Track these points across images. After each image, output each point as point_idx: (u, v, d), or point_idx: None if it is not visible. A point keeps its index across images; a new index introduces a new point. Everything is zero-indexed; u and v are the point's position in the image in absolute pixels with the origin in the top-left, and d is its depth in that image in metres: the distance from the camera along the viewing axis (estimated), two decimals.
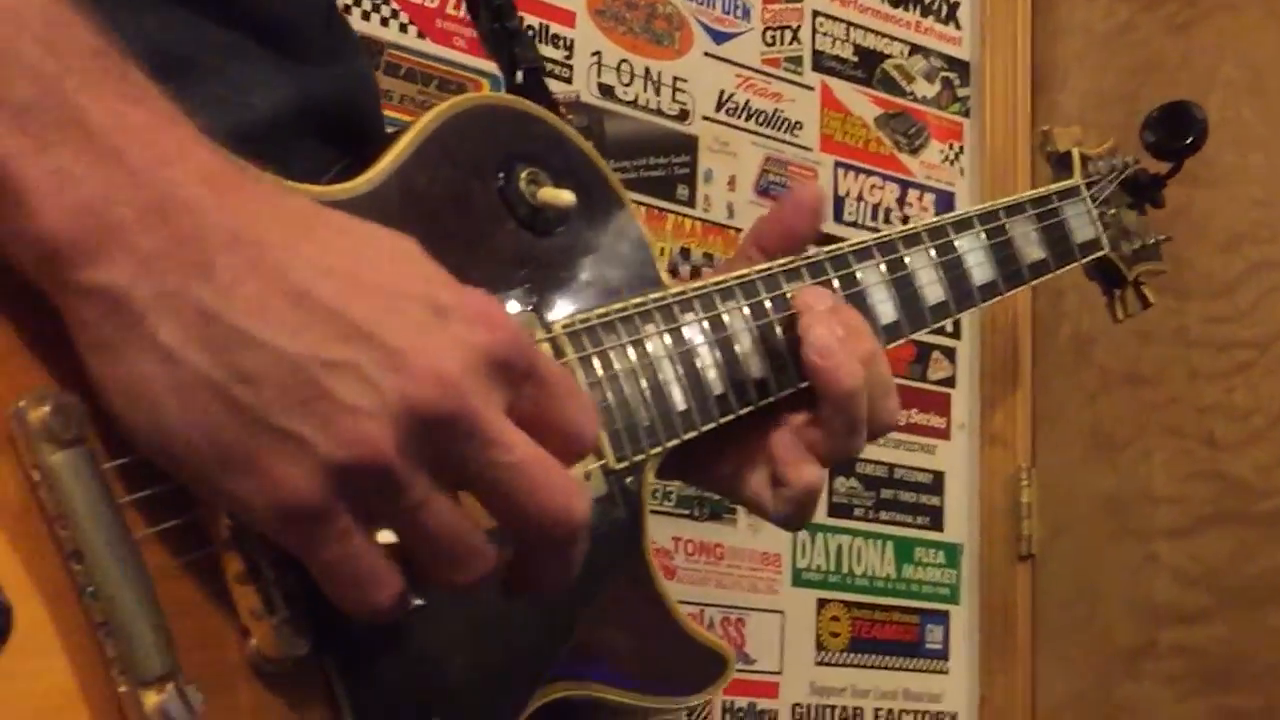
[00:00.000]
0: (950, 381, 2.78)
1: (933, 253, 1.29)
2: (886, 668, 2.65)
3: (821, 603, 2.59)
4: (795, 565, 2.56)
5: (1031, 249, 1.39)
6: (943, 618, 2.73)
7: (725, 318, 1.14)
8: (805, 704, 2.54)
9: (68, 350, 0.76)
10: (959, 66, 2.88)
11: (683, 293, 1.13)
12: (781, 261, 1.19)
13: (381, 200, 0.97)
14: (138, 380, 0.74)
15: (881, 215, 2.72)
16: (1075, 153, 1.54)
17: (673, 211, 2.48)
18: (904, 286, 1.26)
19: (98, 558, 0.75)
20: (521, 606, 0.95)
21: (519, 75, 1.23)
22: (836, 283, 1.21)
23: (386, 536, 0.80)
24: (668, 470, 1.13)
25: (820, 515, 2.57)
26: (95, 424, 0.77)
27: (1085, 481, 2.70)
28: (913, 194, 2.77)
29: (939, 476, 2.75)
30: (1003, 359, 2.79)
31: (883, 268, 1.25)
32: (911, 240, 1.28)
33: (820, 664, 2.57)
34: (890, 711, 2.64)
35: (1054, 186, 1.47)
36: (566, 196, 1.07)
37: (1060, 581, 2.71)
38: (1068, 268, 1.45)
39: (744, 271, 1.17)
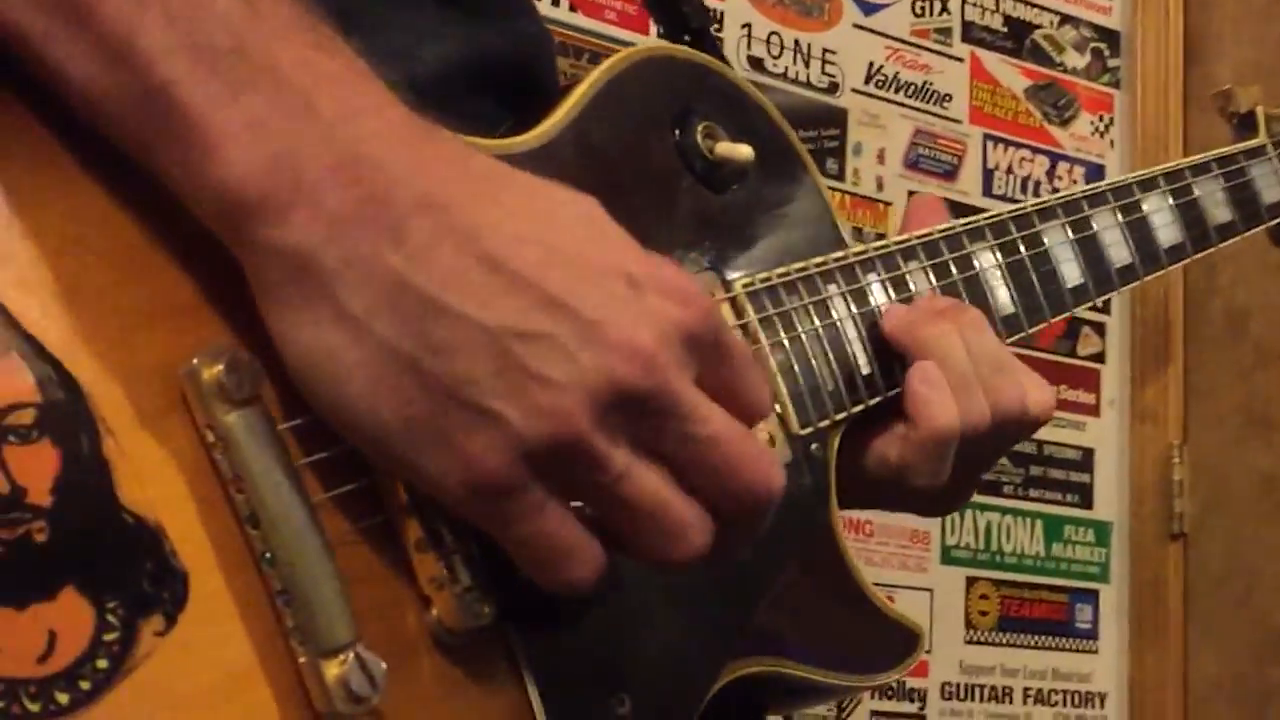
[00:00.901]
0: (1100, 357, 2.74)
1: (1119, 214, 1.25)
2: (1035, 647, 2.62)
3: (970, 581, 2.57)
4: (944, 543, 2.53)
5: (1218, 210, 1.35)
6: (1092, 597, 2.69)
7: (908, 278, 1.11)
8: (954, 683, 2.52)
9: (244, 304, 0.74)
10: (1109, 36, 2.83)
11: (864, 252, 1.10)
12: (964, 221, 1.16)
13: (556, 154, 0.94)
14: (324, 349, 0.72)
15: (1031, 188, 2.68)
16: (1260, 111, 1.50)
17: None
18: (1089, 248, 1.22)
19: (275, 522, 0.73)
20: (710, 577, 0.92)
21: (687, 37, 1.19)
22: (1021, 245, 1.18)
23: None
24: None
25: None
26: (272, 381, 0.74)
27: (1239, 459, 2.65)
28: (1062, 167, 2.73)
29: (1089, 453, 2.72)
30: (1154, 334, 2.75)
31: (1068, 229, 1.21)
32: (1096, 200, 1.24)
33: (969, 642, 2.55)
34: (1039, 691, 2.61)
35: (1239, 146, 1.42)
36: (744, 151, 1.03)
37: (1213, 561, 2.67)
38: (1255, 230, 1.41)
39: (927, 230, 1.14)
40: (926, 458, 1.06)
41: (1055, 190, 2.70)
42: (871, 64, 2.55)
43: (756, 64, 2.43)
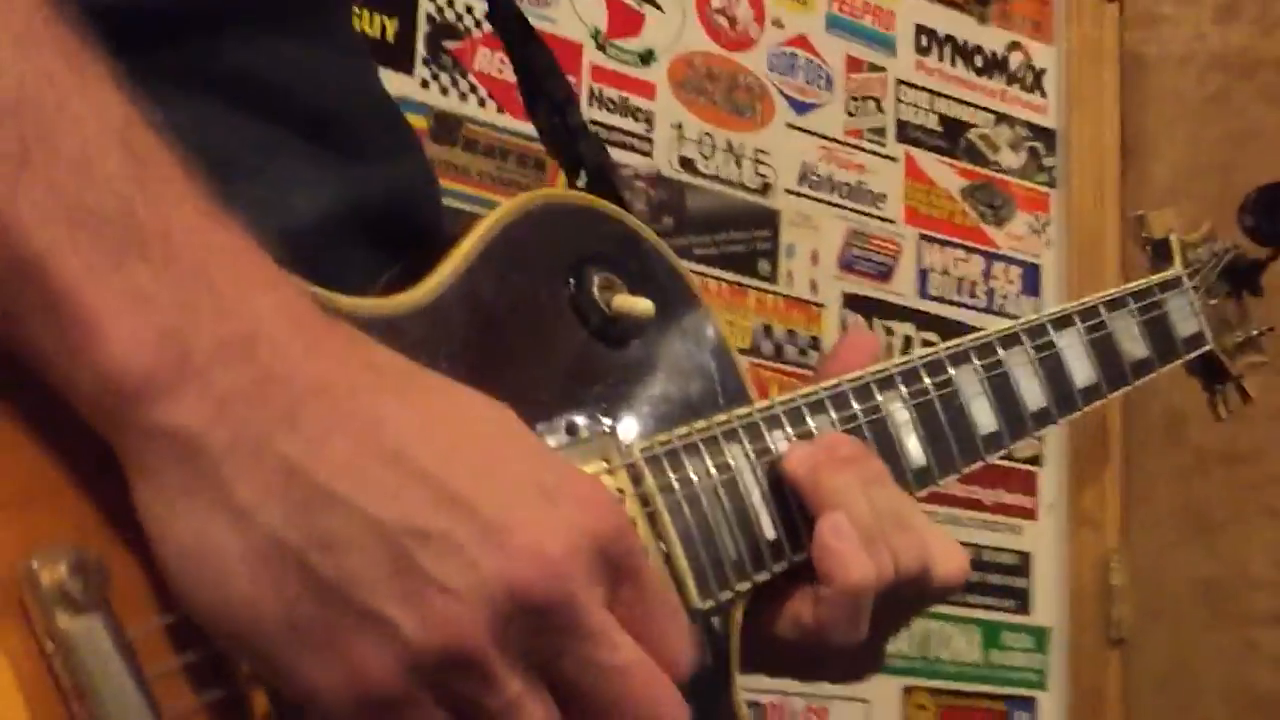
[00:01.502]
0: (1038, 460, 2.70)
1: (1033, 354, 1.21)
2: None
3: (907, 690, 2.52)
4: None
5: (1134, 345, 1.31)
6: (1031, 705, 2.65)
7: (816, 434, 1.05)
8: None
9: (92, 493, 0.69)
10: (1045, 135, 2.82)
11: (770, 407, 1.04)
12: (874, 369, 1.12)
13: (444, 312, 0.89)
14: (204, 539, 0.67)
15: (966, 289, 2.65)
16: (1174, 240, 1.47)
17: (754, 287, 2.42)
18: (1003, 392, 1.18)
19: None
20: None
21: (583, 175, 1.13)
22: (932, 389, 1.13)
23: None
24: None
25: None
26: (124, 578, 0.68)
27: (1179, 564, 2.62)
28: (998, 266, 2.71)
29: (1026, 558, 2.68)
30: (1092, 437, 2.71)
31: (981, 372, 1.17)
32: (1010, 340, 1.20)
33: None
34: None
35: (1155, 278, 1.39)
36: (644, 305, 0.97)
37: (1153, 668, 2.63)
38: (1171, 365, 1.38)
39: (834, 381, 1.09)
40: (844, 615, 1.00)
41: (990, 291, 2.67)
42: (804, 164, 2.52)
43: (688, 165, 2.39)
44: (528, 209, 0.96)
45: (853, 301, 2.53)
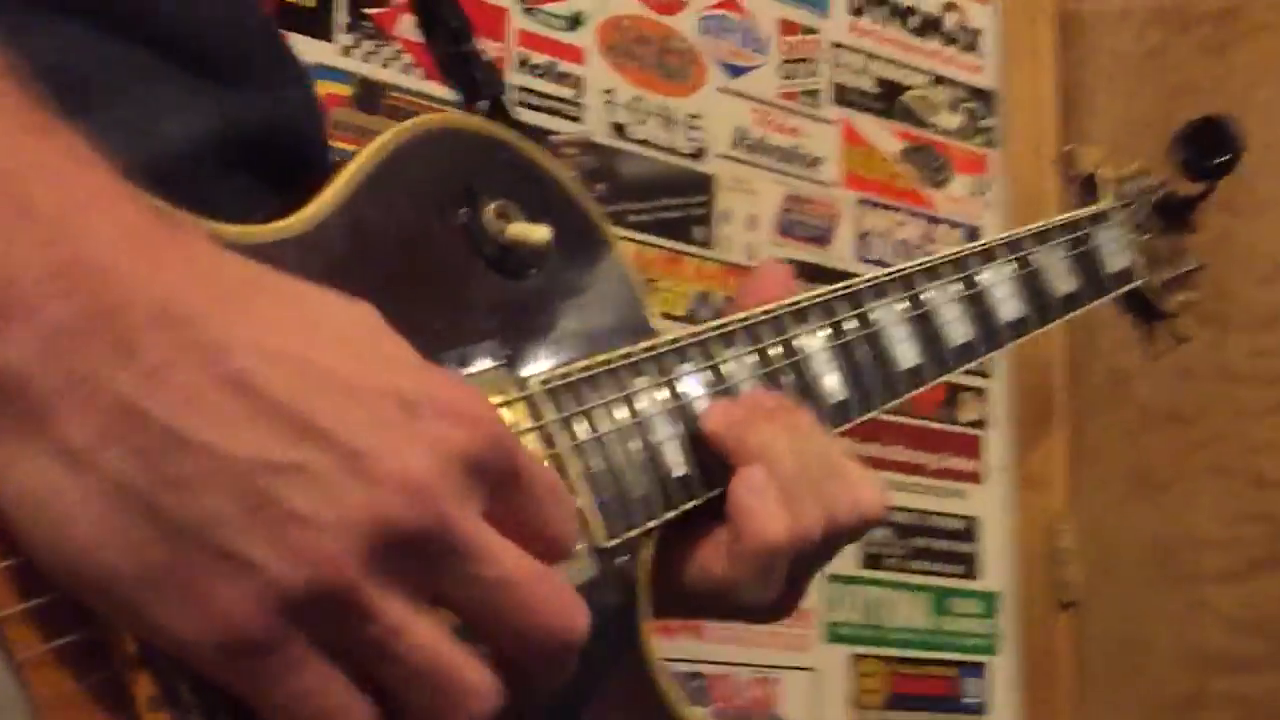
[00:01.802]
0: (982, 423, 2.67)
1: (956, 287, 1.18)
2: None
3: (856, 658, 2.48)
4: (828, 620, 2.45)
5: (1061, 280, 1.28)
6: (982, 670, 2.62)
7: (726, 368, 1.02)
8: None
9: None
10: (982, 96, 2.79)
11: (677, 340, 1.01)
12: (788, 302, 1.08)
13: (324, 240, 0.84)
14: (41, 486, 0.62)
15: (906, 252, 2.62)
16: (1101, 175, 1.44)
17: (690, 254, 2.39)
18: (925, 325, 1.15)
19: None
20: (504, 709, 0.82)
21: (482, 104, 1.08)
22: (851, 323, 1.10)
23: None
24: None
25: (851, 567, 2.48)
26: None
27: (1128, 525, 2.60)
28: (939, 230, 2.68)
29: (973, 522, 2.65)
30: (1037, 398, 2.69)
31: (902, 305, 1.14)
32: (931, 274, 1.17)
33: None
34: None
35: (1083, 211, 1.36)
36: (540, 233, 0.94)
37: (1105, 630, 2.61)
38: (1101, 300, 1.35)
39: (745, 314, 1.05)
40: (754, 572, 0.97)
41: (931, 255, 2.64)
42: (738, 128, 2.48)
43: (619, 130, 2.35)
44: (418, 134, 0.92)
45: (791, 266, 2.49)
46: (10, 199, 0.62)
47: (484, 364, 0.91)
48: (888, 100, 2.68)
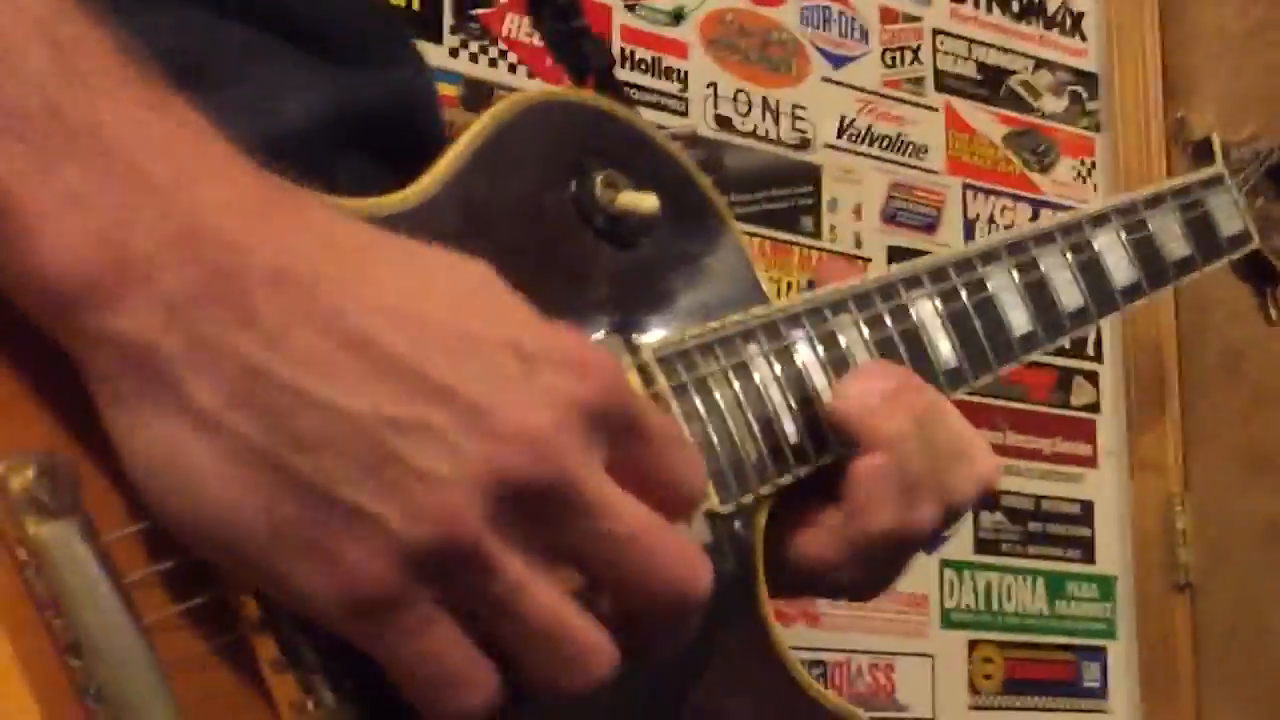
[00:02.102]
0: (1095, 407, 2.67)
1: (1068, 253, 1.18)
2: (1044, 709, 2.54)
3: (973, 644, 2.48)
4: (943, 606, 2.45)
5: (1175, 244, 1.27)
6: (1100, 654, 2.61)
7: (839, 334, 1.02)
8: None
9: (65, 398, 0.65)
10: (1087, 79, 2.78)
11: (789, 307, 1.01)
12: (900, 268, 1.08)
13: (436, 213, 0.85)
14: (170, 449, 0.63)
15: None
16: (1215, 139, 1.43)
17: (798, 244, 2.40)
18: (1038, 292, 1.15)
19: (99, 651, 0.63)
20: (624, 677, 0.79)
21: (591, 79, 1.07)
22: (964, 289, 1.10)
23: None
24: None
25: (967, 552, 2.47)
26: (99, 485, 0.66)
27: (1243, 505, 2.58)
28: (1045, 213, 2.67)
29: (1088, 506, 2.64)
30: (1149, 380, 2.68)
31: (1013, 271, 1.14)
32: (1044, 239, 1.17)
33: (974, 708, 2.47)
34: None
35: (1194, 175, 1.35)
36: (649, 202, 0.93)
37: (1222, 612, 2.59)
38: (1215, 264, 1.34)
39: (857, 282, 1.06)
40: (858, 559, 0.97)
41: None
42: (843, 118, 2.49)
43: (724, 123, 2.37)
44: (527, 106, 0.93)
45: (898, 254, 2.50)
46: (127, 171, 0.63)
47: (596, 333, 0.91)
48: (991, 86, 2.68)
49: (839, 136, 2.48)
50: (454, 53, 2.16)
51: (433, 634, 0.66)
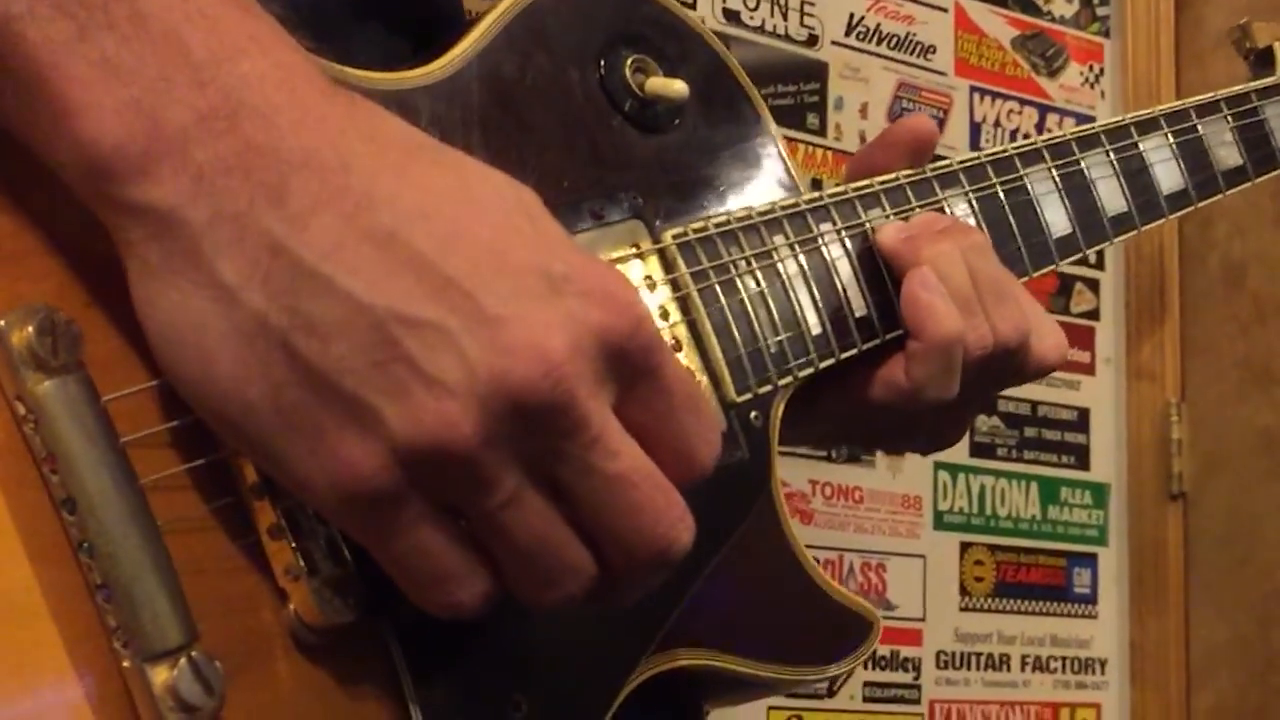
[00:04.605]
0: (1094, 314, 2.66)
1: (1113, 157, 1.16)
2: (1033, 613, 2.55)
3: (965, 546, 2.49)
4: (937, 508, 2.46)
5: (1227, 153, 1.25)
6: (1091, 560, 2.62)
7: (869, 228, 1.01)
8: (950, 651, 2.45)
9: (77, 256, 0.66)
10: None
11: (818, 199, 1.00)
12: (935, 165, 1.07)
13: (461, 88, 0.84)
14: (188, 318, 0.63)
15: (1020, 141, 2.59)
16: (1278, 48, 1.41)
17: (803, 141, 2.38)
18: (1079, 196, 1.13)
19: (94, 507, 0.64)
20: None
21: None
22: (1001, 192, 1.09)
23: None
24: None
25: (962, 455, 2.48)
26: (104, 343, 0.66)
27: (1239, 416, 2.58)
28: (1052, 118, 2.66)
29: (1084, 413, 2.64)
30: (1149, 290, 2.67)
31: (1055, 174, 1.12)
32: (1088, 143, 1.15)
33: (964, 610, 2.48)
34: (1038, 658, 2.54)
35: (1253, 84, 1.33)
36: (678, 87, 0.93)
37: (1214, 521, 2.60)
38: (1267, 176, 1.32)
39: (890, 176, 1.05)
40: (938, 369, 0.98)
41: None
42: (852, 15, 2.47)
43: (732, 16, 2.35)
44: None
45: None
46: (165, 41, 0.63)
47: (618, 214, 0.91)
48: None
49: (847, 34, 2.46)
50: None
51: (421, 533, 0.66)
